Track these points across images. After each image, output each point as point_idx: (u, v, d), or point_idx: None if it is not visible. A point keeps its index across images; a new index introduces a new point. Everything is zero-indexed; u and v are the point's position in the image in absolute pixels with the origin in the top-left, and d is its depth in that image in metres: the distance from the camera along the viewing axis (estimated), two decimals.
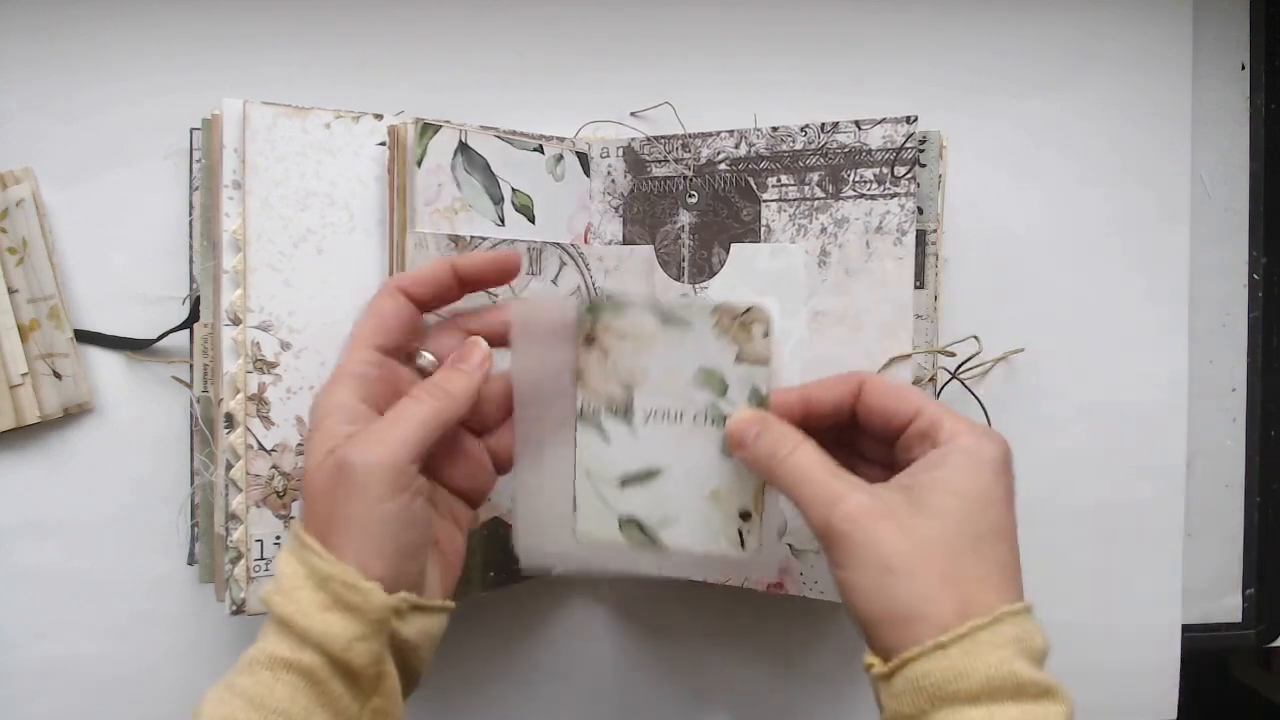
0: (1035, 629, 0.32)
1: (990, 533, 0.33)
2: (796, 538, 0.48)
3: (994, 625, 0.30)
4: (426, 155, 0.45)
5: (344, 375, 0.37)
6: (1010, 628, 0.31)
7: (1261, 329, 0.58)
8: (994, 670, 0.30)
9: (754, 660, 0.55)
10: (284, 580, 0.34)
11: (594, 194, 0.52)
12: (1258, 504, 0.58)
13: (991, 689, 0.30)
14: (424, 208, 0.44)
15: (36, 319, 0.51)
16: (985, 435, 0.35)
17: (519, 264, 0.41)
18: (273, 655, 0.33)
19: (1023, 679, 0.30)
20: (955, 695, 0.30)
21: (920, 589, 0.31)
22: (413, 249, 0.44)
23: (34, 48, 0.52)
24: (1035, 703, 0.30)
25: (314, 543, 0.34)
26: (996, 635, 0.30)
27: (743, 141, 0.49)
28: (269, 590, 0.34)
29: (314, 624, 0.33)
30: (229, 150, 0.44)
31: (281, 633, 0.33)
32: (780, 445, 0.36)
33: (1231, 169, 0.58)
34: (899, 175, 0.46)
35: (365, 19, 0.54)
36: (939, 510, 0.33)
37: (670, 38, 0.55)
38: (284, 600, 0.34)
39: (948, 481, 0.33)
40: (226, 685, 0.34)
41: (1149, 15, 0.55)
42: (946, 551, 0.32)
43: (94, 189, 0.53)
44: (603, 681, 0.56)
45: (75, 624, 0.53)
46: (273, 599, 0.34)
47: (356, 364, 0.37)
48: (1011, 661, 0.30)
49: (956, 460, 0.34)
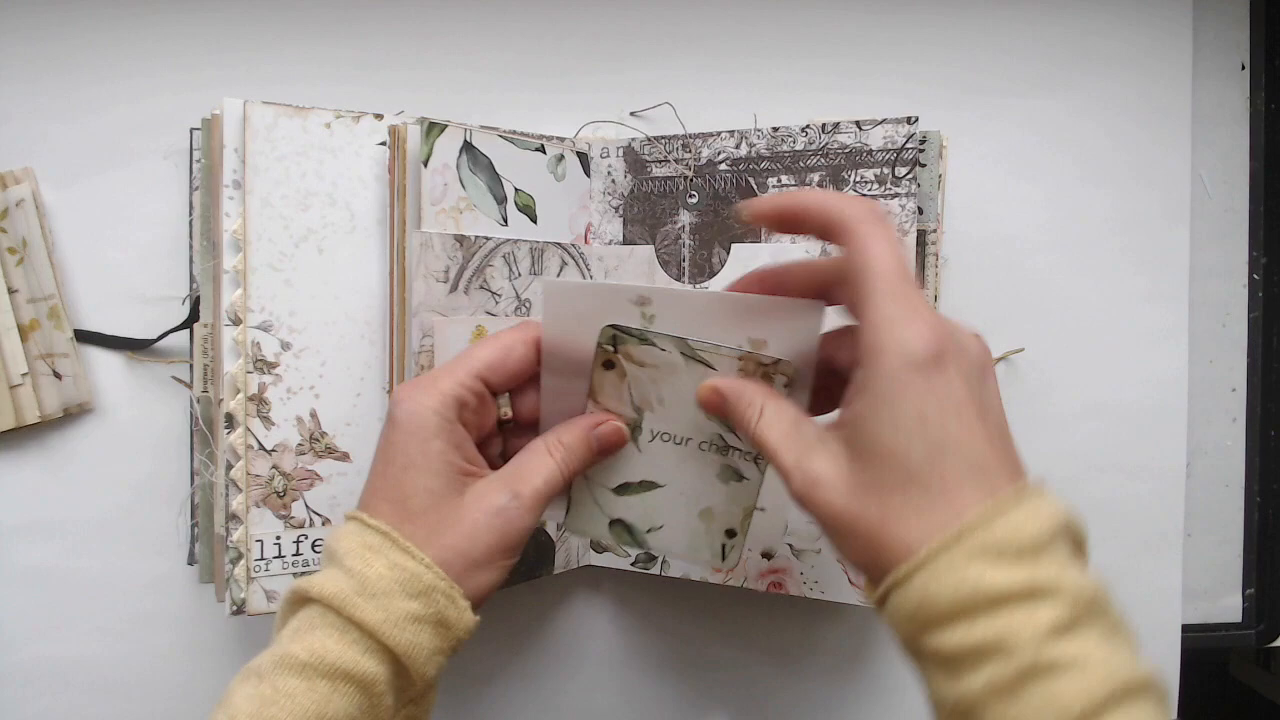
0: (1022, 519, 0.29)
1: (931, 452, 0.30)
2: (797, 538, 0.48)
3: (956, 541, 0.29)
4: (433, 154, 0.44)
5: (446, 389, 0.37)
6: (979, 537, 0.29)
7: (1261, 329, 0.58)
8: (957, 589, 0.29)
9: (754, 660, 0.55)
10: (373, 582, 0.33)
11: (594, 194, 0.52)
12: (1258, 504, 0.58)
13: (960, 607, 0.29)
14: (430, 207, 0.44)
15: (36, 319, 0.51)
16: (915, 329, 0.31)
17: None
18: (335, 665, 0.32)
19: (1000, 588, 0.28)
20: (931, 619, 0.29)
21: (867, 541, 0.31)
22: (418, 249, 0.44)
23: (34, 48, 0.52)
24: (1020, 605, 0.28)
25: (414, 547, 0.34)
26: (957, 551, 0.29)
27: (743, 142, 0.49)
28: (346, 589, 0.33)
29: (402, 636, 0.32)
30: (229, 150, 0.44)
31: (349, 637, 0.32)
32: (746, 414, 0.35)
33: (1231, 169, 0.58)
34: (900, 175, 0.46)
35: (365, 19, 0.54)
36: (869, 451, 0.31)
37: (670, 38, 0.55)
38: (372, 607, 0.32)
39: (872, 413, 0.31)
40: (270, 684, 0.32)
41: (1149, 15, 0.55)
42: (886, 492, 0.31)
43: (94, 189, 0.53)
44: (603, 681, 0.56)
45: (75, 624, 0.53)
46: (354, 601, 0.32)
47: (460, 383, 0.37)
48: (982, 575, 0.28)
49: (882, 379, 0.31)
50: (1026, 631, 0.28)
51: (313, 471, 0.45)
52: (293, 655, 0.32)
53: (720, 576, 0.50)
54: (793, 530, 0.48)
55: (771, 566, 0.49)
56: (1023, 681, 0.28)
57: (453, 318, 0.45)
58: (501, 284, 0.47)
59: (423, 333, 0.44)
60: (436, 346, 0.44)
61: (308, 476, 0.45)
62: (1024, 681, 0.28)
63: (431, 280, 0.44)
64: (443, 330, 0.44)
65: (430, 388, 0.37)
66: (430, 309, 0.44)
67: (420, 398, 0.36)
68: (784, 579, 0.49)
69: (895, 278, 0.32)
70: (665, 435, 0.40)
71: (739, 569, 0.44)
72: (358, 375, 0.46)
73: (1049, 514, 0.30)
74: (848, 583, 0.47)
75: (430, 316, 0.44)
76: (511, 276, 0.48)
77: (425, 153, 0.44)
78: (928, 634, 0.30)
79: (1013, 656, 0.28)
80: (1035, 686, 0.28)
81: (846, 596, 0.47)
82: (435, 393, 0.36)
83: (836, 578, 0.48)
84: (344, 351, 0.46)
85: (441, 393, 0.36)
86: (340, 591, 0.32)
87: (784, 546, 0.48)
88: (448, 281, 0.45)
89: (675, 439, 0.40)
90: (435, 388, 0.37)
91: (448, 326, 0.44)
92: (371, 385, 0.46)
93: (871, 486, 0.31)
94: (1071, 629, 0.28)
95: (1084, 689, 0.27)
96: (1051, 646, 0.28)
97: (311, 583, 0.33)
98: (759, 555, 0.49)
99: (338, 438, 0.46)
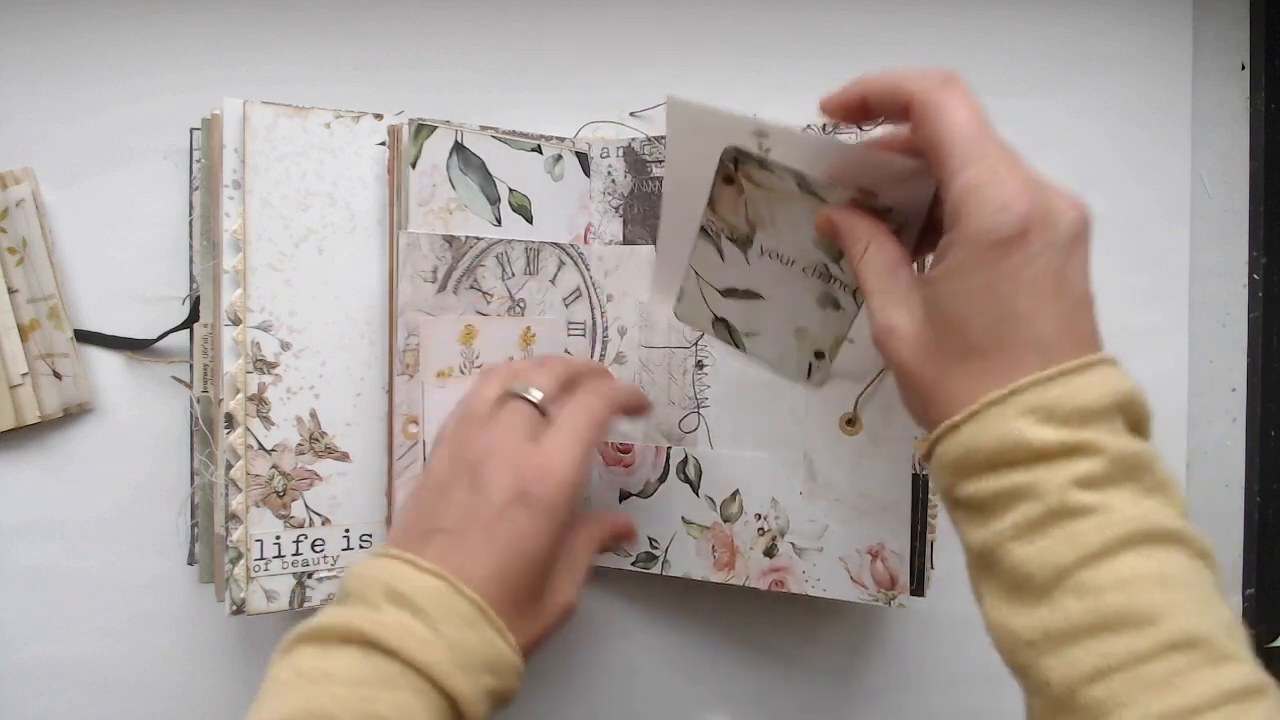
0: (1076, 390, 0.29)
1: (994, 325, 0.30)
2: (799, 536, 0.48)
3: (1008, 398, 0.30)
4: (421, 156, 0.45)
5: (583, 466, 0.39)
6: (1031, 397, 0.29)
7: (1261, 329, 0.58)
8: (1002, 440, 0.29)
9: (755, 660, 0.55)
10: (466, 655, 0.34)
11: (594, 194, 0.52)
12: (1258, 504, 0.58)
13: (1001, 457, 0.30)
14: (418, 208, 0.45)
15: (36, 319, 0.51)
16: (1000, 199, 0.30)
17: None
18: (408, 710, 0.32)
19: (1037, 444, 0.29)
20: (972, 467, 0.30)
21: (923, 396, 0.32)
22: (405, 248, 0.44)
23: (34, 48, 0.52)
24: (1056, 462, 0.29)
25: (507, 633, 0.35)
26: (1008, 407, 0.30)
27: None
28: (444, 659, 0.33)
29: (480, 708, 0.34)
30: (229, 150, 0.44)
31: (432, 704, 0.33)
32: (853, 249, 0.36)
33: (1231, 169, 0.57)
34: None
35: (365, 19, 0.54)
36: (937, 316, 0.32)
37: (670, 38, 0.55)
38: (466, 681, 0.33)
39: (945, 280, 0.31)
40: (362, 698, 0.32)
41: (1149, 15, 0.55)
42: (946, 356, 0.32)
43: (94, 189, 0.53)
44: (603, 681, 0.56)
45: (75, 624, 0.53)
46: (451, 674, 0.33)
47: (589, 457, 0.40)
48: (1023, 431, 0.29)
49: (960, 248, 0.31)
50: (1058, 480, 0.29)
51: (312, 471, 0.45)
52: (381, 717, 0.31)
53: (722, 575, 0.50)
54: (794, 530, 0.48)
55: (773, 565, 0.49)
56: (1045, 523, 0.29)
57: (441, 317, 0.45)
58: (494, 284, 0.47)
59: (408, 331, 0.44)
60: (422, 345, 0.44)
61: (307, 476, 0.45)
62: (1046, 523, 0.29)
63: (419, 280, 0.44)
64: (429, 329, 0.45)
65: (571, 469, 0.38)
66: (417, 308, 0.44)
67: (564, 478, 0.38)
68: (785, 577, 0.49)
69: (975, 140, 0.32)
70: (775, 253, 0.41)
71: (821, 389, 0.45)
72: (358, 375, 0.46)
73: (1108, 386, 0.30)
74: (849, 580, 0.47)
75: (416, 316, 0.44)
76: (505, 276, 0.48)
77: (413, 154, 0.44)
78: (966, 481, 0.31)
79: (1040, 500, 0.29)
80: (1056, 527, 0.28)
81: (848, 594, 0.47)
82: (576, 475, 0.38)
83: (838, 575, 0.48)
84: (344, 351, 0.46)
85: (580, 478, 0.39)
86: (439, 662, 0.33)
87: (787, 545, 0.48)
88: (435, 281, 0.45)
89: (783, 259, 0.41)
90: (575, 469, 0.38)
91: (435, 326, 0.45)
92: (371, 385, 0.46)
93: (935, 349, 0.32)
94: (1103, 483, 0.29)
95: (1103, 529, 0.28)
96: (1079, 494, 0.28)
97: (405, 643, 0.33)
98: (760, 554, 0.49)
99: (337, 438, 0.46)
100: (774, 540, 0.49)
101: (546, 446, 0.38)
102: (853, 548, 0.47)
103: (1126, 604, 0.27)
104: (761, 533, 0.49)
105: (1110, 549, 0.28)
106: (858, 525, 0.47)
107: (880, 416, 0.46)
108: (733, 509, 0.49)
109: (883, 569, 0.46)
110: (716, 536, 0.50)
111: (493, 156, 0.47)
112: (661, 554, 0.51)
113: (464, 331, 0.46)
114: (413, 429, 0.45)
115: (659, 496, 0.51)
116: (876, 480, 0.46)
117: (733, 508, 0.49)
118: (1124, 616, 0.27)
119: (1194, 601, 0.28)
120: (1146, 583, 0.27)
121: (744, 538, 0.49)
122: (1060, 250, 0.31)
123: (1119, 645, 0.27)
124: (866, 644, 0.55)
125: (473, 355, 0.47)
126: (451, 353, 0.46)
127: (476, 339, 0.47)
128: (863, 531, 0.47)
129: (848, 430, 0.47)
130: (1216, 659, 0.27)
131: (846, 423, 0.47)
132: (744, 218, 0.41)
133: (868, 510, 0.47)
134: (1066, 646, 0.28)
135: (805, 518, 0.48)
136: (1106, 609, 0.27)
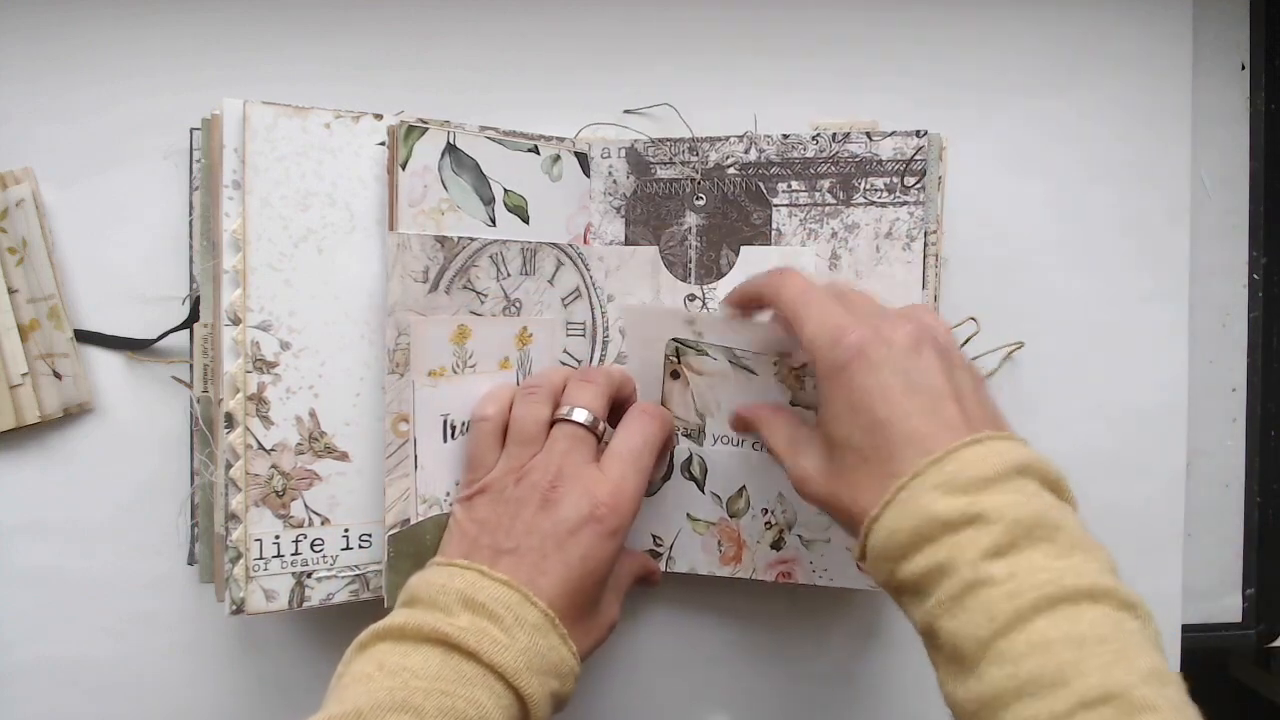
0: (964, 465, 0.32)
1: (867, 434, 0.35)
2: (806, 529, 0.49)
3: (911, 481, 0.33)
4: (412, 157, 0.45)
5: (640, 499, 0.44)
6: (931, 476, 0.33)
7: (1261, 329, 0.58)
8: (916, 517, 0.32)
9: (755, 660, 0.55)
10: (536, 660, 0.37)
11: (594, 194, 0.52)
12: (1258, 504, 0.58)
13: (919, 534, 0.32)
14: (409, 209, 0.45)
15: (36, 319, 0.51)
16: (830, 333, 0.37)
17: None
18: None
19: (945, 516, 0.32)
20: (898, 550, 0.33)
21: (845, 515, 0.37)
22: (395, 249, 0.44)
23: (34, 48, 0.52)
24: (962, 531, 0.31)
25: (572, 643, 0.39)
26: (913, 489, 0.33)
27: (753, 147, 0.49)
28: (519, 664, 0.36)
29: (545, 709, 0.37)
30: (229, 150, 0.44)
31: (503, 703, 0.35)
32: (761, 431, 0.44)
33: (1231, 169, 0.57)
34: (909, 185, 0.47)
35: (365, 19, 0.54)
36: (829, 443, 0.37)
37: (670, 37, 0.55)
38: (536, 683, 0.36)
39: (822, 413, 0.38)
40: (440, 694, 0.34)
41: (1149, 15, 0.55)
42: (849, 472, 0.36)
43: (94, 189, 0.53)
44: (604, 681, 0.56)
45: (75, 624, 0.53)
46: (524, 676, 0.36)
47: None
48: (930, 507, 0.32)
49: (821, 383, 0.37)
50: (968, 553, 0.31)
51: (312, 471, 0.45)
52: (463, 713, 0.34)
53: (728, 569, 0.50)
54: (803, 522, 0.49)
55: (780, 557, 0.49)
56: (963, 596, 0.31)
57: (432, 317, 0.45)
58: (488, 284, 0.47)
59: (398, 331, 0.44)
60: (413, 344, 0.44)
61: (307, 476, 0.45)
62: (964, 596, 0.31)
63: (409, 280, 0.44)
64: (420, 329, 0.45)
65: (635, 494, 0.42)
66: (407, 308, 0.44)
67: (630, 503, 0.42)
68: (793, 569, 0.49)
69: (803, 301, 0.39)
70: (725, 439, 0.49)
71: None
72: (357, 375, 0.46)
73: (1000, 457, 0.33)
74: (856, 570, 0.48)
75: (407, 315, 0.44)
76: (500, 277, 0.48)
77: (404, 155, 0.44)
78: (898, 565, 0.33)
79: (955, 575, 0.31)
80: (972, 599, 0.31)
81: (855, 582, 0.48)
82: (638, 499, 0.43)
83: (845, 565, 0.48)
84: (344, 351, 0.46)
85: (640, 501, 0.43)
86: (512, 664, 0.35)
87: (794, 538, 0.49)
88: (427, 281, 0.45)
89: (733, 441, 0.49)
90: (638, 494, 0.43)
91: (426, 326, 0.45)
92: (371, 385, 0.46)
93: (837, 473, 0.37)
94: (1008, 550, 0.31)
95: (1014, 597, 0.30)
96: (987, 565, 0.31)
97: (482, 645, 0.35)
98: (768, 547, 0.50)
99: (337, 437, 0.46)
100: (781, 533, 0.49)
101: (610, 471, 0.42)
102: None
103: (1040, 668, 0.29)
104: (769, 526, 0.49)
105: (1023, 616, 0.30)
106: None
107: None
108: (739, 505, 0.50)
109: None
110: (723, 531, 0.50)
111: (487, 157, 0.47)
112: (666, 550, 0.51)
113: (456, 331, 0.46)
114: (403, 427, 0.45)
115: (664, 494, 0.51)
116: None
117: (739, 503, 0.50)
118: (1039, 680, 0.28)
119: (1111, 655, 0.29)
120: (1058, 645, 0.29)
121: (751, 532, 0.50)
122: (900, 358, 0.35)
123: (1039, 709, 0.28)
124: (868, 644, 0.55)
125: (466, 355, 0.47)
126: (444, 352, 0.46)
127: (470, 338, 0.47)
128: None
129: None
130: (1132, 711, 0.28)
131: None
132: (694, 409, 0.49)
133: None
134: (999, 713, 0.29)
135: (812, 510, 0.48)
136: (1023, 675, 0.29)
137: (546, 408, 0.44)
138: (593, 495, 0.41)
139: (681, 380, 0.49)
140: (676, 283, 0.50)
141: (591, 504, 0.40)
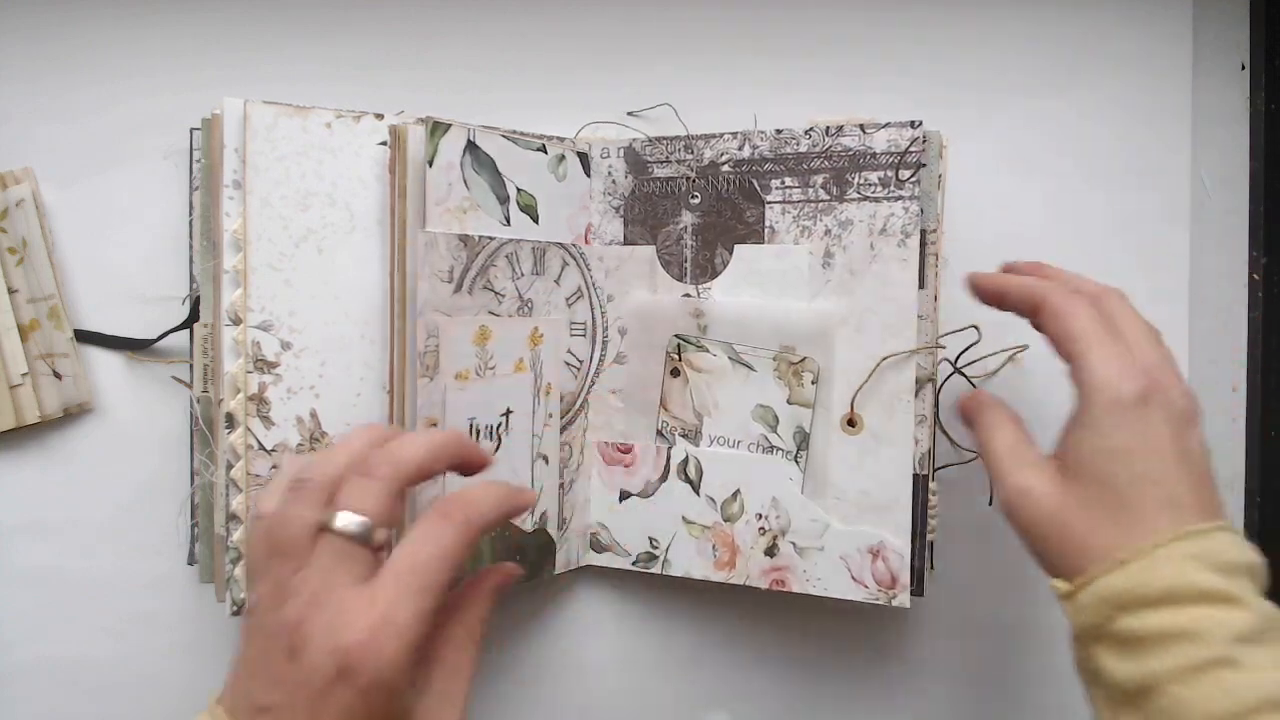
0: (1223, 547, 0.34)
1: (1134, 481, 0.36)
2: (800, 536, 0.48)
3: (1171, 543, 0.34)
4: (438, 154, 0.44)
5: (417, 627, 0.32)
6: (1190, 545, 0.34)
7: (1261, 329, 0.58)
8: (1173, 580, 0.33)
9: (755, 660, 0.55)
10: None
11: (594, 194, 0.52)
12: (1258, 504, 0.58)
13: (1171, 595, 0.33)
14: (435, 207, 0.44)
15: (36, 319, 0.51)
16: (1121, 374, 0.37)
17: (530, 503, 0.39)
18: None
19: (1204, 587, 0.33)
20: (1138, 601, 0.34)
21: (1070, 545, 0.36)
22: (423, 248, 0.43)
23: (34, 48, 0.52)
24: (1217, 606, 0.33)
25: None
26: (1173, 551, 0.34)
27: (746, 143, 0.49)
28: None
29: None
30: (229, 150, 0.44)
31: None
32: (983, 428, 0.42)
33: (1231, 169, 0.57)
34: (903, 179, 0.46)
35: (365, 19, 0.54)
36: (1083, 474, 0.37)
37: (670, 37, 0.55)
38: None
39: (1087, 443, 0.37)
40: None
41: (1149, 15, 0.55)
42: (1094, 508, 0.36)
43: (94, 189, 0.53)
44: (603, 681, 0.56)
45: (75, 624, 0.53)
46: None
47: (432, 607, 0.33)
48: (1192, 574, 0.33)
49: (1093, 416, 0.37)
50: (1222, 629, 0.32)
51: None
52: None
53: (723, 574, 0.50)
54: (796, 529, 0.48)
55: (774, 564, 0.49)
56: (1205, 669, 0.32)
57: (456, 318, 0.45)
58: (505, 284, 0.47)
59: (428, 333, 0.44)
60: (441, 346, 0.44)
61: None
62: (1206, 669, 0.32)
63: (436, 280, 0.44)
64: (448, 331, 0.44)
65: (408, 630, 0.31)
66: (435, 309, 0.44)
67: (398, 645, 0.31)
68: (786, 576, 0.49)
69: (1097, 336, 0.39)
70: (721, 439, 0.49)
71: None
72: (358, 375, 0.46)
73: (1242, 549, 0.35)
74: (850, 579, 0.47)
75: (435, 316, 0.44)
76: (514, 276, 0.48)
77: (430, 152, 0.44)
78: (1129, 615, 0.34)
79: (1204, 647, 0.32)
80: (1213, 674, 0.32)
81: (849, 593, 0.48)
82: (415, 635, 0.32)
83: (839, 574, 0.48)
84: (344, 351, 0.46)
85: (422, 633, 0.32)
86: None
87: (787, 545, 0.49)
88: (452, 281, 0.45)
89: (729, 442, 0.49)
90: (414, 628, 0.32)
91: (452, 327, 0.44)
92: (371, 385, 0.46)
93: (1078, 502, 0.37)
94: (1254, 639, 0.32)
95: (1255, 688, 0.31)
96: (1238, 647, 0.32)
97: None
98: (761, 553, 0.49)
99: (337, 437, 0.46)
100: (775, 540, 0.49)
101: (378, 598, 0.31)
102: (853, 547, 0.47)
103: None
104: (762, 532, 0.49)
105: (1256, 708, 0.31)
106: (858, 524, 0.47)
107: (881, 416, 0.46)
108: (733, 508, 0.49)
109: (883, 568, 0.46)
110: (717, 536, 0.50)
111: (502, 155, 0.47)
112: (662, 554, 0.51)
113: (478, 332, 0.46)
114: None
115: (659, 496, 0.51)
116: (877, 480, 0.47)
117: (733, 507, 0.49)
118: None
119: None
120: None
121: (745, 537, 0.49)
122: (1177, 420, 0.37)
123: None
124: (866, 644, 0.55)
125: (486, 356, 0.46)
126: (467, 354, 0.45)
127: (490, 340, 0.46)
128: (863, 531, 0.47)
129: (848, 430, 0.47)
130: None
131: (847, 423, 0.47)
132: (692, 409, 0.49)
133: (868, 509, 0.47)
134: None
135: (806, 517, 0.48)
136: None
137: (313, 509, 0.33)
138: (339, 641, 0.30)
139: (681, 378, 0.49)
140: (673, 282, 0.50)
141: (338, 653, 0.30)
